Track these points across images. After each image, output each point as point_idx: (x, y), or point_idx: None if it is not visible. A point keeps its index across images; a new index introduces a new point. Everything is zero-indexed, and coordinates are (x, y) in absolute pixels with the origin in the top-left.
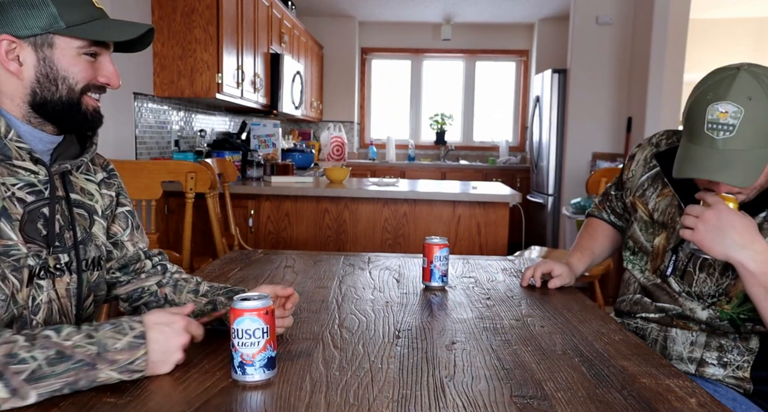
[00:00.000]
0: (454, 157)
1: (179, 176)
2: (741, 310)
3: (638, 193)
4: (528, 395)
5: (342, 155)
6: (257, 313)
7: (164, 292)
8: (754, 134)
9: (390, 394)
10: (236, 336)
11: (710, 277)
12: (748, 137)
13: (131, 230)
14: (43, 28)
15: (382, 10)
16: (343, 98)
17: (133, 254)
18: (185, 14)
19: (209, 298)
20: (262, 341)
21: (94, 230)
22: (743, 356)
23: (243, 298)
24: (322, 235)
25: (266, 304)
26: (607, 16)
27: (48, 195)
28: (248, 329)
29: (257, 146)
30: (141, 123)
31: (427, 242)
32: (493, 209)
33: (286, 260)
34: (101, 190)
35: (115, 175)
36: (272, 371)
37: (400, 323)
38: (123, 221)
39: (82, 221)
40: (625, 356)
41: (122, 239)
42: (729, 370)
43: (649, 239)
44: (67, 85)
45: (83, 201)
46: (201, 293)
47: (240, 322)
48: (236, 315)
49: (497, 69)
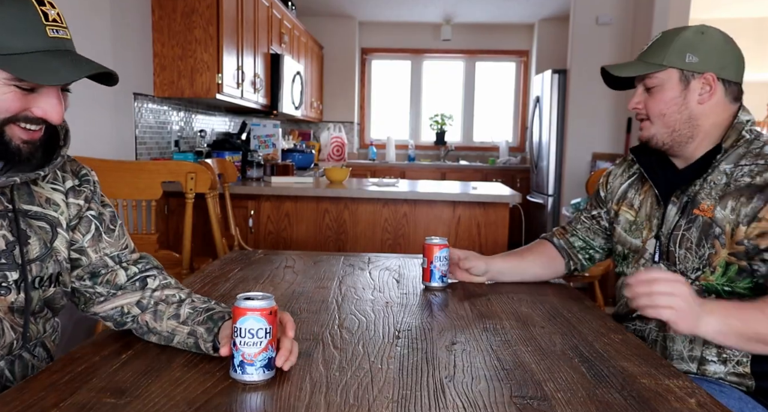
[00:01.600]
0: (454, 158)
1: (179, 177)
2: (724, 281)
3: (622, 199)
4: (528, 395)
5: (342, 156)
6: (260, 313)
7: (145, 319)
8: (656, 50)
9: (390, 394)
10: (238, 335)
11: (689, 251)
12: (651, 51)
13: (94, 236)
14: None
15: (382, 10)
16: (343, 98)
17: (97, 262)
18: (185, 14)
19: (189, 327)
20: (264, 341)
21: (56, 244)
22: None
23: (246, 297)
24: (322, 235)
25: (270, 304)
26: (607, 17)
27: None
28: (251, 329)
29: (257, 147)
30: (141, 123)
31: (427, 242)
32: (493, 210)
33: (286, 260)
34: (68, 199)
35: (88, 180)
36: (271, 372)
37: (400, 324)
38: (85, 226)
39: (43, 234)
40: (624, 357)
41: (83, 245)
42: (730, 366)
43: (638, 236)
44: None
45: (45, 213)
46: (182, 318)
47: (243, 321)
48: (239, 314)
49: (497, 69)
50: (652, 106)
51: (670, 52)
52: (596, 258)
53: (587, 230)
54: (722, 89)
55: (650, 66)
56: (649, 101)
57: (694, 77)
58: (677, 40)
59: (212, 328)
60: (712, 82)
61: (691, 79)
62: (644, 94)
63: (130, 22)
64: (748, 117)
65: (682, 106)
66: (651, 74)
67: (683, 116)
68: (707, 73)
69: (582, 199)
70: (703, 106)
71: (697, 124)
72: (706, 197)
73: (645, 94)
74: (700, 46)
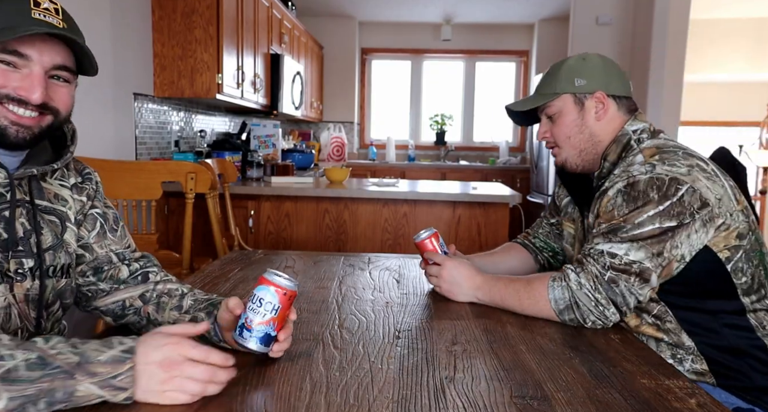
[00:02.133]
0: (454, 158)
1: (179, 177)
2: None
3: (565, 214)
4: (528, 395)
5: (342, 156)
6: (276, 289)
7: (147, 311)
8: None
9: (390, 394)
10: (251, 300)
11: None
12: (544, 84)
13: (99, 233)
14: None
15: (382, 10)
16: (343, 99)
17: (103, 257)
18: (185, 14)
19: (191, 314)
20: (268, 315)
21: (66, 236)
22: (688, 353)
23: (276, 273)
24: (322, 235)
25: (290, 286)
26: (607, 17)
27: (9, 198)
28: (263, 299)
29: (257, 147)
30: (141, 123)
31: (422, 238)
32: (493, 210)
33: (286, 260)
34: (74, 196)
35: (90, 179)
36: (266, 348)
37: (400, 324)
38: (90, 223)
39: (53, 227)
40: (625, 357)
41: (89, 241)
42: (687, 365)
43: (574, 249)
44: None
45: (55, 208)
46: (184, 308)
47: (260, 289)
48: (260, 282)
49: (497, 69)
50: (557, 131)
51: (559, 80)
52: (559, 259)
53: (548, 234)
54: (614, 104)
55: (546, 96)
56: (554, 128)
57: (587, 98)
58: (563, 68)
59: (212, 311)
60: (603, 99)
61: (584, 100)
62: (548, 123)
63: (130, 22)
64: (636, 126)
65: (582, 126)
66: (549, 103)
67: (585, 135)
68: (597, 91)
69: None
70: (600, 122)
71: (599, 140)
72: None
73: (549, 123)
74: (584, 70)
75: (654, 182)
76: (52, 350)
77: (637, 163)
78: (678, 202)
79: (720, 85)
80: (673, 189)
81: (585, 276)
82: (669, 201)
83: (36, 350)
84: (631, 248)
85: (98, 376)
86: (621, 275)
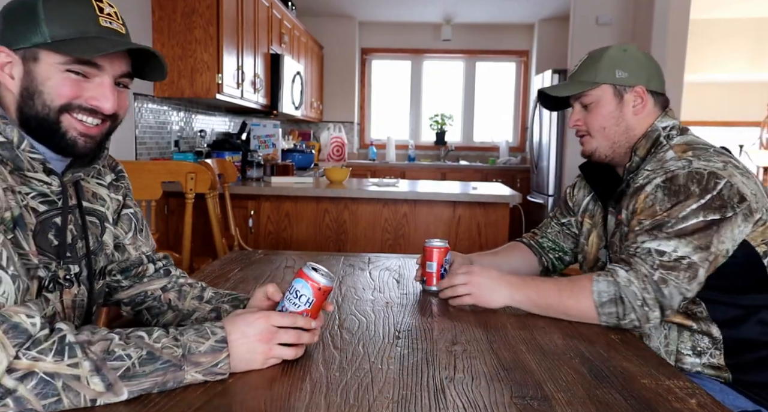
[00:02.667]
0: (454, 158)
1: (179, 177)
2: None
3: (585, 211)
4: (528, 395)
5: (342, 156)
6: (312, 284)
7: (168, 297)
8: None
9: (390, 395)
10: (289, 290)
11: (617, 254)
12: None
13: (134, 234)
14: (31, 42)
15: (382, 10)
16: (343, 98)
17: (135, 259)
18: (185, 14)
19: (213, 305)
20: (302, 306)
21: (104, 237)
22: (712, 344)
23: (314, 267)
24: (322, 235)
25: (324, 282)
26: (607, 17)
27: (61, 205)
28: (299, 291)
29: (257, 147)
30: (141, 123)
31: (434, 245)
32: (494, 210)
33: (286, 260)
34: (111, 194)
35: (123, 176)
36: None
37: (400, 324)
38: (126, 223)
39: (94, 229)
40: (625, 357)
41: (124, 242)
42: (705, 358)
43: (591, 245)
44: (42, 101)
45: (94, 208)
46: (205, 299)
47: (297, 282)
48: (298, 275)
49: (497, 69)
50: (591, 121)
51: (599, 70)
52: (566, 260)
53: (557, 234)
54: (651, 100)
55: (584, 84)
56: (588, 117)
57: (626, 91)
58: (604, 58)
59: (237, 305)
60: (642, 94)
61: (624, 93)
62: (582, 111)
63: (130, 22)
64: (666, 123)
65: (619, 118)
66: (586, 92)
67: (621, 128)
68: (637, 86)
69: None
70: (638, 117)
71: (634, 134)
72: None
73: (583, 112)
74: (626, 62)
75: (693, 176)
76: (157, 344)
77: (670, 158)
78: (718, 196)
79: (720, 85)
80: (712, 183)
81: (634, 274)
82: (710, 194)
83: (144, 346)
84: (679, 244)
85: (201, 365)
86: (671, 274)
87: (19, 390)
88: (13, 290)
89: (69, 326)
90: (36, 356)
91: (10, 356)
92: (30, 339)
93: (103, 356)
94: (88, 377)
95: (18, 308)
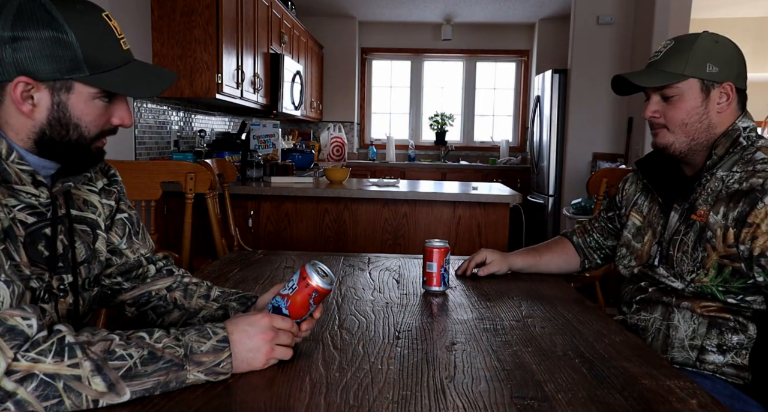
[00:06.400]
0: (454, 158)
1: (179, 177)
2: (718, 282)
3: (634, 206)
4: (528, 396)
5: (342, 156)
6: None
7: (174, 296)
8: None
9: (390, 395)
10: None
11: (685, 254)
12: (668, 60)
13: (129, 237)
14: (64, 73)
15: (382, 10)
16: (342, 98)
17: (134, 261)
18: (185, 14)
19: (220, 303)
20: (286, 290)
21: (97, 245)
22: (743, 342)
23: (317, 266)
24: (321, 235)
25: (321, 285)
26: (607, 16)
27: (50, 216)
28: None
29: (257, 147)
30: (140, 123)
31: (435, 245)
32: (494, 210)
33: (286, 260)
34: (102, 200)
35: (116, 180)
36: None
37: (400, 324)
38: (120, 228)
39: (85, 237)
40: (625, 357)
41: (120, 247)
42: (728, 357)
43: (639, 240)
44: (79, 133)
45: (85, 216)
46: (212, 297)
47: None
48: (300, 271)
49: (497, 69)
50: (672, 115)
51: (689, 61)
52: (608, 259)
53: (602, 230)
54: (736, 98)
55: (671, 76)
56: (669, 110)
57: (714, 87)
58: (695, 49)
59: (245, 303)
60: (729, 91)
61: (711, 89)
62: (661, 102)
63: (130, 21)
64: (746, 124)
65: (703, 115)
66: (672, 84)
67: (703, 125)
68: (726, 82)
69: (583, 200)
70: (721, 115)
71: (715, 132)
72: (703, 203)
73: (662, 103)
74: (718, 56)
75: None
76: (158, 344)
77: (760, 159)
78: None
79: None
80: None
81: None
82: None
83: (146, 346)
84: None
85: (204, 365)
86: None
87: (19, 393)
88: (8, 294)
89: (68, 327)
90: (35, 357)
91: (8, 358)
92: (28, 341)
93: (104, 356)
94: (89, 377)
95: (13, 311)
